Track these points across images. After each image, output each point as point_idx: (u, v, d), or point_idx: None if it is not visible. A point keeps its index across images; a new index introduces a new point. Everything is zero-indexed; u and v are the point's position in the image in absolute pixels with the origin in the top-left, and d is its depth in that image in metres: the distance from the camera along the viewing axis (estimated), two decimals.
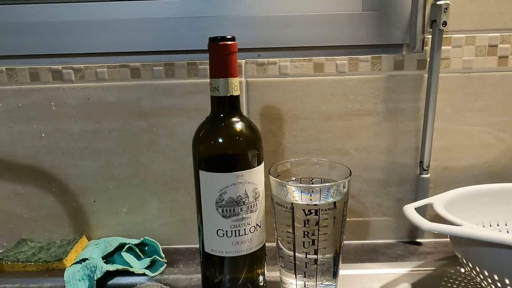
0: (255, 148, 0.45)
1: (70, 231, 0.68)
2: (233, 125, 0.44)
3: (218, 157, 0.44)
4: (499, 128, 0.63)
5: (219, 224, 0.44)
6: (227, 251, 0.45)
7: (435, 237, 0.66)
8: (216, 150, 0.44)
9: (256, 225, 0.45)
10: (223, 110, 0.44)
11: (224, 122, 0.44)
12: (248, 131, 0.44)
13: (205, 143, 0.44)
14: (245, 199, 0.43)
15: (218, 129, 0.44)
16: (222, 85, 0.42)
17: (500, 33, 0.60)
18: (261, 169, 0.45)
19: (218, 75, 0.42)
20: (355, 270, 0.58)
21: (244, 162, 0.43)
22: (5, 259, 0.61)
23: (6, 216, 0.67)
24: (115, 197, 0.66)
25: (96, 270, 0.56)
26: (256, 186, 0.44)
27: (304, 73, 0.61)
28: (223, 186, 0.42)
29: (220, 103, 0.44)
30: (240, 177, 0.42)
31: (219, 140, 0.44)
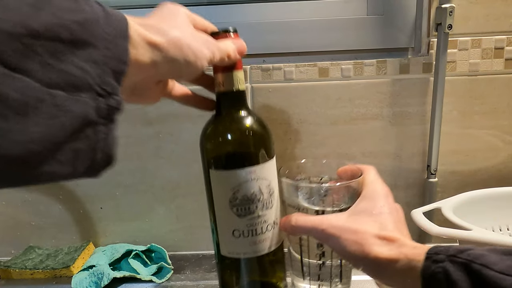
0: (266, 142, 0.43)
1: (77, 238, 0.68)
2: (241, 120, 0.42)
3: (228, 154, 0.42)
4: (506, 131, 0.63)
5: (235, 224, 0.42)
6: (245, 252, 0.42)
7: (443, 242, 0.66)
8: (225, 147, 0.42)
9: (273, 223, 0.43)
10: (230, 106, 0.42)
11: (231, 118, 0.42)
12: (257, 126, 0.42)
13: (213, 140, 0.42)
14: (259, 196, 0.41)
15: (226, 125, 0.42)
16: (227, 79, 0.40)
17: (506, 36, 0.59)
18: (273, 164, 0.43)
19: (223, 69, 0.40)
20: (363, 276, 0.58)
21: (255, 157, 0.41)
22: (13, 266, 0.61)
23: (14, 223, 0.67)
24: (122, 204, 0.66)
25: (103, 277, 0.56)
26: (270, 182, 0.42)
27: (309, 78, 0.61)
28: (236, 184, 0.40)
29: (226, 99, 0.42)
30: (253, 173, 0.40)
31: (227, 136, 0.42)
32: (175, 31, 0.29)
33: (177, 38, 0.29)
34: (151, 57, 0.28)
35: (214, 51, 0.33)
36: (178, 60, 0.29)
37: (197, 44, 0.30)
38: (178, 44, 0.29)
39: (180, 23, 0.31)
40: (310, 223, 0.37)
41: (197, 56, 0.30)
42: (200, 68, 0.31)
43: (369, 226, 0.34)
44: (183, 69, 0.30)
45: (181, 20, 0.31)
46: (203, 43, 0.31)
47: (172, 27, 0.29)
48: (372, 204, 0.37)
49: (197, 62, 0.30)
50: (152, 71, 0.28)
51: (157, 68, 0.28)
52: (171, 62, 0.29)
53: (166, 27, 0.29)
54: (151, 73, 0.29)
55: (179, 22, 0.31)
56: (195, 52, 0.30)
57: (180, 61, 0.29)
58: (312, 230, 0.37)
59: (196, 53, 0.30)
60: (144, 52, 0.27)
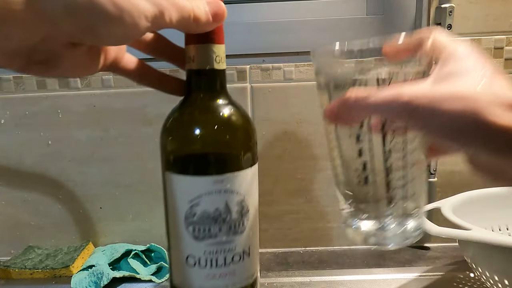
0: (243, 142, 0.32)
1: (76, 238, 0.68)
2: (212, 109, 0.32)
3: (187, 154, 0.32)
4: None
5: (190, 248, 0.32)
6: (200, 286, 0.32)
7: (443, 241, 0.66)
8: (186, 143, 0.32)
9: (242, 252, 0.32)
10: (201, 89, 0.32)
11: (200, 106, 0.32)
12: (233, 118, 0.32)
13: (172, 133, 0.33)
14: (226, 215, 0.31)
15: (190, 114, 0.32)
16: (200, 53, 0.30)
17: (505, 35, 0.60)
18: (252, 173, 0.32)
19: (195, 40, 0.30)
20: (362, 276, 0.58)
21: (225, 161, 0.32)
22: (13, 266, 0.61)
23: (14, 223, 0.67)
24: (121, 203, 0.66)
25: (102, 277, 0.56)
26: (244, 198, 0.32)
27: (309, 78, 0.61)
28: (195, 195, 0.30)
29: (197, 80, 0.32)
30: (219, 183, 0.30)
31: (190, 129, 0.31)
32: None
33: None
34: (31, 4, 0.20)
35: (165, 6, 0.24)
36: (84, 11, 0.21)
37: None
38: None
39: None
40: (383, 95, 0.24)
41: (123, 8, 0.22)
42: (133, 28, 0.23)
43: (477, 89, 0.23)
44: (98, 26, 0.22)
45: None
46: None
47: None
48: (465, 64, 0.25)
49: (125, 19, 0.22)
50: (43, 27, 0.21)
51: (50, 22, 0.21)
52: (72, 13, 0.21)
53: None
54: (42, 29, 0.21)
55: None
56: (120, 3, 0.22)
57: (88, 13, 0.21)
58: (391, 104, 0.23)
59: (121, 4, 0.22)
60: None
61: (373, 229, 0.30)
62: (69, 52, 0.25)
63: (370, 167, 0.28)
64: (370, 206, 0.30)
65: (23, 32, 0.21)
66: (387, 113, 0.24)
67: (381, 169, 0.28)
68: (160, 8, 0.24)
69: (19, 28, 0.21)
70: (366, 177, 0.29)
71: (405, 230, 0.29)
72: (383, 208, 0.29)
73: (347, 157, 0.29)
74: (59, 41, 0.23)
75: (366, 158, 0.28)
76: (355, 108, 0.25)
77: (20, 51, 0.23)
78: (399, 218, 0.29)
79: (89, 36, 0.23)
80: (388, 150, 0.27)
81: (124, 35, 0.23)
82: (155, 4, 0.23)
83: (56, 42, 0.23)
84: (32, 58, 0.24)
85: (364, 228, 0.30)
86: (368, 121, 0.27)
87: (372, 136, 0.27)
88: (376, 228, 0.30)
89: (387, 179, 0.28)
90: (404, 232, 0.29)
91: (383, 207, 0.29)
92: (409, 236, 0.29)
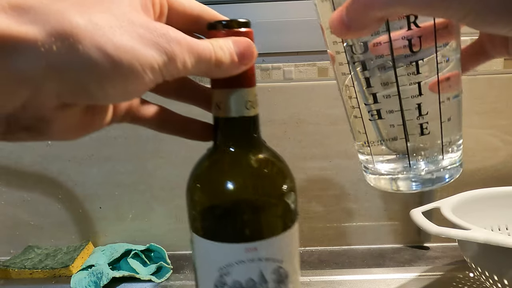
0: (280, 201, 0.27)
1: (76, 238, 0.68)
2: (243, 165, 0.28)
3: (215, 216, 0.27)
4: (506, 131, 0.63)
5: None
6: None
7: (443, 241, 0.66)
8: (212, 202, 0.28)
9: None
10: (230, 139, 0.27)
11: (229, 160, 0.28)
12: (268, 174, 0.27)
13: (198, 190, 0.29)
14: (260, 286, 0.27)
15: (217, 171, 0.28)
16: (228, 100, 0.26)
17: None
18: (292, 235, 0.28)
19: (221, 83, 0.25)
20: (362, 276, 0.58)
21: (259, 226, 0.27)
22: (12, 266, 0.61)
23: (13, 223, 0.67)
24: (121, 203, 0.66)
25: (102, 277, 0.56)
26: (281, 264, 0.27)
27: (309, 78, 0.61)
28: (224, 263, 0.27)
29: (225, 129, 0.27)
30: (252, 251, 0.26)
31: (216, 189, 0.27)
32: (76, 16, 0.17)
33: (74, 28, 0.17)
34: (12, 65, 0.16)
35: (176, 51, 0.19)
36: (70, 69, 0.17)
37: (127, 39, 0.18)
38: (74, 37, 0.17)
39: (115, 7, 0.19)
40: None
41: (120, 62, 0.18)
42: (135, 84, 0.19)
43: None
44: (91, 86, 0.18)
45: (120, 3, 0.19)
46: (146, 38, 0.18)
47: (81, 11, 0.17)
48: None
49: (124, 74, 0.18)
50: (21, 92, 0.17)
51: (30, 86, 0.17)
52: (57, 73, 0.17)
53: (68, 9, 0.17)
54: (21, 94, 0.17)
55: (116, 5, 0.19)
56: (116, 54, 0.17)
57: (77, 71, 0.17)
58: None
59: (117, 56, 0.17)
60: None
61: (405, 170, 0.26)
62: (61, 114, 0.20)
63: (396, 93, 0.23)
64: (399, 144, 0.25)
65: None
66: (418, 2, 0.18)
67: (412, 93, 0.23)
68: (170, 54, 0.19)
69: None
70: (391, 110, 0.24)
71: (442, 167, 0.26)
72: (416, 143, 0.25)
73: (366, 84, 0.24)
74: (46, 104, 0.19)
75: (389, 80, 0.23)
76: (370, 5, 0.18)
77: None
78: (435, 154, 0.25)
79: (82, 98, 0.19)
80: (415, 64, 0.22)
81: (125, 93, 0.19)
82: (162, 50, 0.19)
83: (41, 106, 0.19)
84: (14, 126, 0.19)
85: (395, 171, 0.26)
86: (387, 26, 0.21)
87: (393, 49, 0.22)
88: (408, 169, 0.26)
89: (419, 106, 0.23)
90: (442, 170, 0.26)
91: (416, 142, 0.25)
92: (447, 173, 0.26)
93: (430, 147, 0.25)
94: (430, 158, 0.25)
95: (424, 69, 0.23)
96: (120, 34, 0.18)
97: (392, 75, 0.23)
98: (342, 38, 0.24)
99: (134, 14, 0.19)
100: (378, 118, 0.25)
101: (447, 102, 0.24)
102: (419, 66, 0.23)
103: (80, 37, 0.17)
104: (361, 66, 0.24)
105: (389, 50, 0.22)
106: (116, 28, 0.18)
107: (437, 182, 0.26)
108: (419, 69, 0.23)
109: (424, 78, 0.23)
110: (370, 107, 0.25)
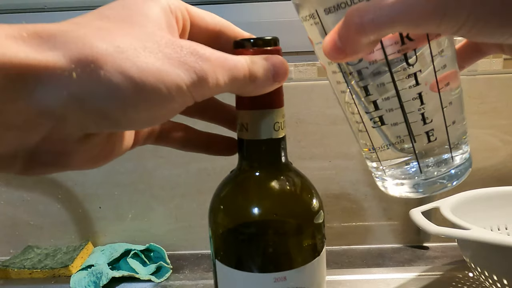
0: (309, 227, 0.26)
1: (76, 238, 0.68)
2: (272, 189, 0.26)
3: (241, 244, 0.26)
4: (505, 131, 0.63)
5: None
6: None
7: (442, 241, 0.66)
8: (242, 229, 0.26)
9: None
10: (256, 162, 0.26)
11: (255, 185, 0.26)
12: (297, 200, 0.26)
13: (222, 216, 0.27)
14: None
15: (245, 193, 0.26)
16: (256, 121, 0.24)
17: None
18: (320, 262, 0.26)
19: (249, 104, 0.24)
20: (361, 275, 0.58)
21: (288, 253, 0.25)
22: (12, 266, 0.61)
23: (13, 223, 0.67)
24: (120, 203, 0.66)
25: (102, 277, 0.56)
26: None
27: (308, 78, 0.61)
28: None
29: (251, 151, 0.26)
30: (282, 281, 0.24)
31: (247, 211, 0.25)
32: (97, 41, 0.16)
33: (95, 53, 0.16)
34: (26, 102, 0.15)
35: (207, 68, 0.18)
36: (94, 97, 0.16)
37: (152, 61, 0.17)
38: (95, 63, 0.16)
39: (137, 28, 0.18)
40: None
41: (144, 86, 0.16)
42: (162, 108, 0.18)
43: None
44: (115, 113, 0.17)
45: (144, 23, 0.18)
46: (172, 58, 0.17)
47: (103, 35, 0.16)
48: None
49: (149, 99, 0.17)
50: (44, 125, 0.16)
51: (53, 118, 0.16)
52: (80, 103, 0.16)
53: (89, 35, 0.16)
54: (43, 128, 0.16)
55: (138, 25, 0.18)
56: (140, 78, 0.16)
57: (100, 99, 0.16)
58: (413, 5, 0.16)
59: (142, 79, 0.16)
60: (11, 92, 0.15)
61: (416, 175, 0.25)
62: (82, 145, 0.19)
63: (394, 98, 0.22)
64: (406, 145, 0.24)
65: (18, 136, 0.16)
66: (409, 21, 0.17)
67: (412, 97, 0.22)
68: (201, 73, 0.18)
69: (12, 133, 0.16)
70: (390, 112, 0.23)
71: (453, 165, 0.25)
72: (423, 145, 0.24)
73: (364, 93, 0.24)
74: (68, 136, 0.18)
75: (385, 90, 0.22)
76: (362, 30, 0.17)
77: (16, 155, 0.18)
78: (443, 153, 0.24)
79: (105, 126, 0.18)
80: (412, 72, 0.22)
81: (151, 118, 0.18)
82: (192, 69, 0.17)
83: (63, 139, 0.18)
84: (34, 160, 0.18)
85: (406, 176, 0.25)
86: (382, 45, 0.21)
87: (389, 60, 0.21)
88: (419, 173, 0.25)
89: (421, 108, 0.23)
90: (453, 168, 0.25)
91: (424, 144, 0.24)
92: (458, 171, 0.25)
93: (438, 146, 0.24)
94: (439, 158, 0.24)
95: (418, 66, 0.22)
96: (144, 56, 0.17)
97: (389, 78, 0.22)
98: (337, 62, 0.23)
99: (159, 34, 0.18)
100: (381, 125, 0.24)
101: (448, 97, 0.24)
102: (414, 67, 0.22)
103: (102, 62, 0.16)
104: (356, 76, 0.23)
105: (383, 55, 0.21)
106: (140, 50, 0.17)
107: (451, 180, 0.25)
108: (415, 66, 0.22)
109: (422, 79, 0.23)
110: (371, 114, 0.24)
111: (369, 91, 0.23)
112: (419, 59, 0.22)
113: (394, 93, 0.22)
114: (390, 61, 0.21)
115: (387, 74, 0.22)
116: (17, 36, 0.16)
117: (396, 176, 0.26)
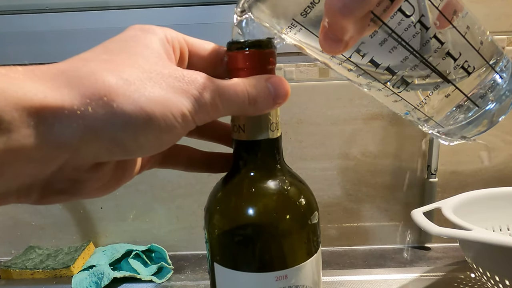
0: (307, 225, 0.27)
1: (77, 238, 0.68)
2: (270, 188, 0.26)
3: (241, 244, 0.26)
4: (507, 131, 0.63)
5: None
6: None
7: (444, 242, 0.66)
8: (237, 231, 0.26)
9: None
10: (252, 163, 0.26)
11: (252, 185, 0.26)
12: (294, 199, 0.26)
13: (220, 215, 0.26)
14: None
15: (242, 193, 0.26)
16: (252, 122, 0.25)
17: (506, 35, 0.59)
18: (317, 259, 0.27)
19: None
20: (363, 276, 0.58)
21: (288, 252, 0.25)
22: (13, 266, 0.61)
23: (14, 223, 0.67)
24: (122, 204, 0.66)
25: (103, 277, 0.56)
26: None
27: (309, 78, 0.61)
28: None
29: (247, 153, 0.26)
30: (283, 280, 0.24)
31: (242, 212, 0.25)
32: (107, 75, 0.17)
33: (106, 87, 0.17)
34: (43, 136, 0.16)
35: (205, 97, 0.19)
36: (107, 127, 0.17)
37: (157, 90, 0.18)
38: (107, 96, 0.17)
39: (141, 59, 0.19)
40: None
41: (153, 112, 0.18)
42: (169, 133, 0.19)
43: None
44: (127, 141, 0.18)
45: (146, 54, 0.19)
46: (175, 87, 0.19)
47: (111, 69, 0.18)
48: None
49: (157, 125, 0.18)
50: (60, 157, 0.17)
51: (69, 150, 0.17)
52: (94, 134, 0.17)
53: (98, 69, 0.18)
54: (59, 159, 0.17)
55: (141, 57, 0.19)
56: (148, 105, 0.18)
57: (113, 129, 0.17)
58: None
59: (150, 106, 0.18)
60: (32, 128, 0.16)
61: (476, 113, 0.24)
62: (94, 173, 0.20)
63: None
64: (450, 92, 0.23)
65: (36, 168, 0.17)
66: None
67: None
68: (200, 100, 0.19)
69: (31, 165, 0.17)
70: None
71: (505, 88, 0.24)
72: (465, 81, 0.23)
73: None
74: (82, 165, 0.19)
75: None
76: (347, 11, 0.17)
77: (32, 186, 0.19)
78: (489, 76, 0.23)
79: (116, 153, 0.19)
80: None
81: (159, 144, 0.19)
82: (192, 97, 0.19)
83: (76, 168, 0.19)
84: (48, 189, 0.20)
85: (466, 119, 0.25)
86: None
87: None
88: (474, 109, 0.24)
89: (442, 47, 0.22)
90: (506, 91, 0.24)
91: (465, 79, 0.23)
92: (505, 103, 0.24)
93: (480, 76, 0.23)
94: (487, 82, 0.23)
95: (418, 14, 0.21)
96: (151, 86, 0.18)
97: (394, 42, 0.21)
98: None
99: (161, 64, 0.19)
100: (407, 86, 0.23)
101: (463, 23, 0.23)
102: (414, 16, 0.21)
103: (113, 95, 0.17)
104: (358, 55, 0.22)
105: (380, 22, 0.20)
106: (146, 81, 0.18)
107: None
108: (414, 15, 0.21)
109: (430, 22, 0.21)
110: (392, 80, 0.23)
111: (377, 62, 0.22)
112: (414, 6, 0.21)
113: (409, 51, 0.21)
114: (389, 23, 0.20)
115: (392, 37, 0.21)
116: (33, 77, 0.17)
117: (455, 125, 0.25)
